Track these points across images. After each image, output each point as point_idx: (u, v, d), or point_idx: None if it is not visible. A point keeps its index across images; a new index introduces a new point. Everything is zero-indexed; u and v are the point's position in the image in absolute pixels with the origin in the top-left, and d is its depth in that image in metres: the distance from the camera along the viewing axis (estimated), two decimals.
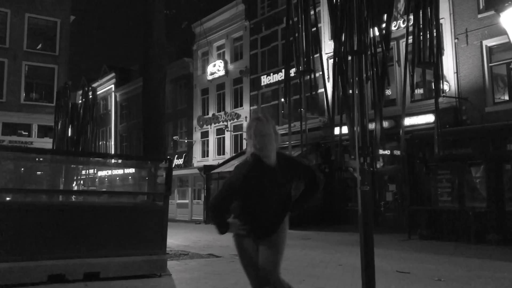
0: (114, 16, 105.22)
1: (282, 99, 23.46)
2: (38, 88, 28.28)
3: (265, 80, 25.42)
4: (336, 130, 5.79)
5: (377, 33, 4.94)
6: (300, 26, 5.22)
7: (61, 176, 9.34)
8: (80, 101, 14.37)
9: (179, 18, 28.46)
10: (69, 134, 14.23)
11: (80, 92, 38.33)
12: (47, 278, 5.71)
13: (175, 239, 13.53)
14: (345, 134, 4.94)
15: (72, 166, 9.52)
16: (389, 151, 16.44)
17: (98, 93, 41.31)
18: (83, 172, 10.49)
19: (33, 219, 5.74)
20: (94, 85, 43.36)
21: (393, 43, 17.94)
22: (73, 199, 8.08)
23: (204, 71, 30.44)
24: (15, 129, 26.79)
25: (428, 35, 5.03)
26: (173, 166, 28.94)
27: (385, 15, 5.12)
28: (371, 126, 4.89)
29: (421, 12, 5.02)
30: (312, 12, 5.39)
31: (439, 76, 5.10)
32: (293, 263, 8.69)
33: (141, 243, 6.56)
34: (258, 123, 3.36)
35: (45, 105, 27.56)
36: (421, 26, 4.97)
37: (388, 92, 17.72)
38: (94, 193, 8.77)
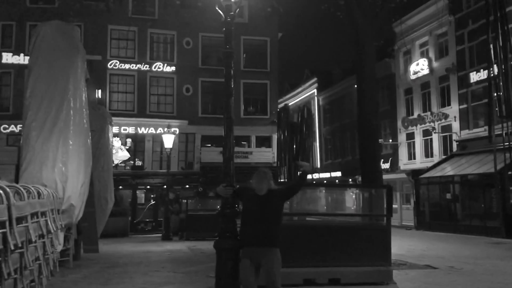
0: (316, 22, 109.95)
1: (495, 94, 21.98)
2: (254, 103, 31.84)
3: (474, 76, 24.11)
4: None
5: None
6: None
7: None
8: (298, 120, 16.41)
9: (385, 47, 29.08)
10: (289, 147, 16.63)
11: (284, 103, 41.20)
12: (302, 282, 7.38)
13: None
14: None
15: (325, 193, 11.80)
16: None
17: (301, 98, 44.07)
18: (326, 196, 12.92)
19: (301, 235, 7.59)
20: (297, 90, 46.30)
21: None
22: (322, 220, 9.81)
23: (406, 70, 30.08)
24: (238, 141, 30.30)
25: None
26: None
27: None
28: None
29: None
30: None
31: None
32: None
33: (370, 255, 7.80)
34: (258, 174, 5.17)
35: (260, 117, 31.00)
36: None
37: None
38: (338, 215, 10.58)
